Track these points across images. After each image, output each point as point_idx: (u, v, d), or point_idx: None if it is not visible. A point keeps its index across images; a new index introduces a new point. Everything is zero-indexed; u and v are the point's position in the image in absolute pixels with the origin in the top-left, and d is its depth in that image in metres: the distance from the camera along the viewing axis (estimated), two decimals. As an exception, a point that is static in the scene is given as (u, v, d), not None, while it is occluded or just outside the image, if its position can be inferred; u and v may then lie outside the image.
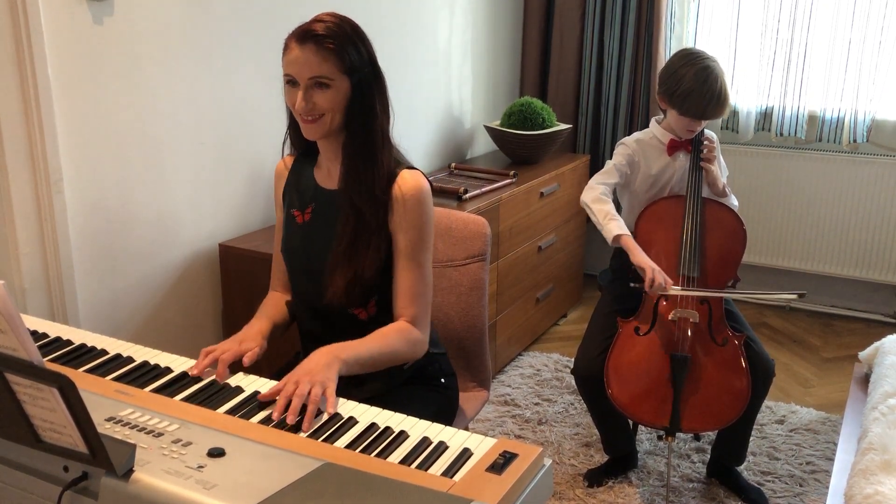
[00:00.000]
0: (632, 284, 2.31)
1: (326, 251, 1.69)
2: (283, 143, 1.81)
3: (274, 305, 1.82)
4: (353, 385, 1.64)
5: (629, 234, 2.34)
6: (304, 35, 1.58)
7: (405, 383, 1.77)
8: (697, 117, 2.36)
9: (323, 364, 1.47)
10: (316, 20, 1.61)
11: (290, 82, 1.62)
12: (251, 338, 1.66)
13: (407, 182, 1.66)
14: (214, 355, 1.53)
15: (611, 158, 2.53)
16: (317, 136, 1.64)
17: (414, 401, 1.73)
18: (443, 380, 1.84)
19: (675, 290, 2.28)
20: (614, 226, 2.34)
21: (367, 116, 1.64)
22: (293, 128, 1.75)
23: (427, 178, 1.71)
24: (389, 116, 1.69)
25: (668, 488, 2.54)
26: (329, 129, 1.63)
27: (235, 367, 1.56)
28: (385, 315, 1.72)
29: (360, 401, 1.42)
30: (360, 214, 1.65)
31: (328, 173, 1.74)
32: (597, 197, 2.42)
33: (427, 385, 1.80)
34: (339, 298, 1.66)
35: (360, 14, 1.71)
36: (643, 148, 2.51)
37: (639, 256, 2.28)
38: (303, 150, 1.80)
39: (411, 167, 1.70)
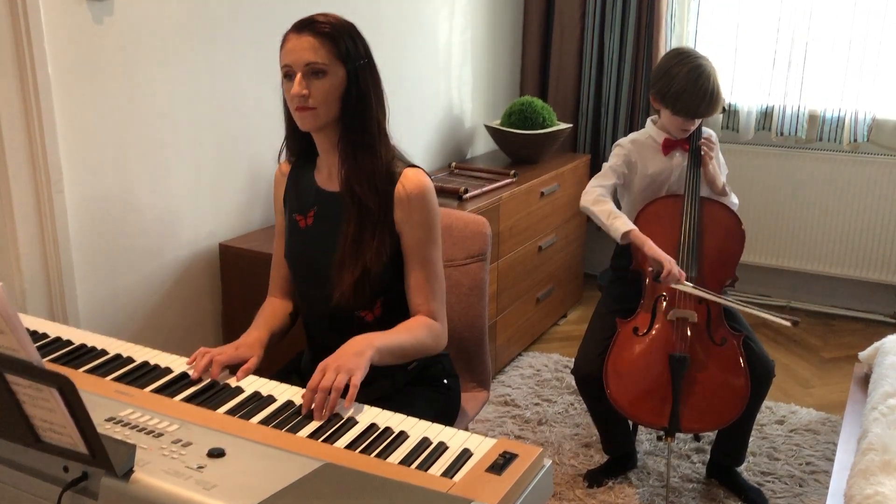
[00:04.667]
0: (649, 269, 2.31)
1: (332, 253, 1.69)
2: (280, 150, 1.81)
3: (272, 314, 1.81)
4: (362, 384, 1.64)
5: (636, 228, 2.35)
6: (300, 25, 1.62)
7: (408, 384, 1.77)
8: (690, 116, 2.36)
9: (353, 352, 1.50)
10: (313, 15, 1.64)
11: (287, 75, 1.63)
12: (249, 346, 1.65)
13: (410, 180, 1.67)
14: (211, 354, 1.53)
15: (608, 160, 2.53)
16: (312, 126, 1.64)
17: (417, 401, 1.73)
18: (445, 381, 1.84)
19: (688, 286, 2.27)
20: (620, 223, 2.34)
21: (363, 107, 1.64)
22: (291, 132, 1.75)
23: (428, 175, 1.72)
24: (385, 110, 1.70)
25: (668, 489, 2.54)
26: (325, 120, 1.63)
27: (232, 370, 1.56)
28: (391, 316, 1.72)
29: (366, 401, 1.43)
30: (362, 205, 1.65)
31: (329, 175, 1.74)
32: (596, 199, 2.42)
33: (430, 386, 1.81)
34: (347, 299, 1.66)
35: (360, 14, 1.72)
36: (639, 148, 2.51)
37: (653, 249, 2.28)
38: (300, 156, 1.80)
39: (413, 165, 1.71)
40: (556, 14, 4.08)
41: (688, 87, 2.29)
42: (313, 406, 1.37)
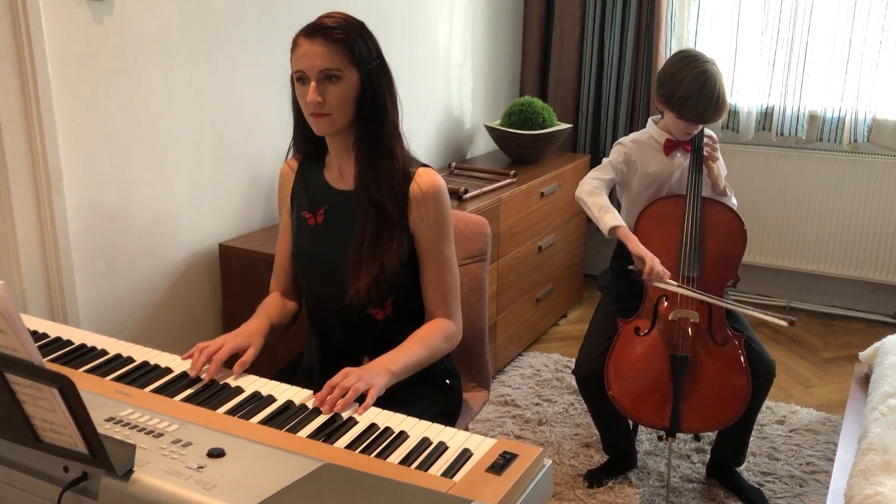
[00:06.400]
0: (629, 267, 2.33)
1: (343, 251, 1.69)
2: (289, 147, 1.81)
3: (273, 306, 1.81)
4: None
5: (625, 224, 2.35)
6: (313, 29, 1.60)
7: (411, 383, 1.77)
8: (696, 121, 2.37)
9: (374, 371, 1.52)
10: (323, 17, 1.63)
11: (301, 79, 1.62)
12: (248, 335, 1.65)
13: (424, 180, 1.68)
14: (209, 352, 1.53)
15: (608, 156, 2.54)
16: (328, 131, 1.64)
17: (419, 401, 1.73)
18: (447, 381, 1.84)
19: (672, 285, 2.28)
20: (609, 217, 2.35)
21: (378, 109, 1.64)
22: (299, 130, 1.75)
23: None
24: (398, 110, 1.70)
25: (668, 489, 2.54)
26: (340, 125, 1.63)
27: (232, 361, 1.56)
28: (401, 315, 1.73)
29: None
30: (380, 208, 1.65)
31: (340, 174, 1.73)
32: (591, 190, 2.43)
33: (432, 385, 1.81)
34: (361, 297, 1.66)
35: (361, 14, 1.71)
36: (640, 148, 2.51)
37: (637, 246, 2.30)
38: (308, 153, 1.79)
39: (424, 165, 1.72)
40: (556, 14, 4.08)
41: (693, 92, 2.29)
42: (327, 400, 1.38)
